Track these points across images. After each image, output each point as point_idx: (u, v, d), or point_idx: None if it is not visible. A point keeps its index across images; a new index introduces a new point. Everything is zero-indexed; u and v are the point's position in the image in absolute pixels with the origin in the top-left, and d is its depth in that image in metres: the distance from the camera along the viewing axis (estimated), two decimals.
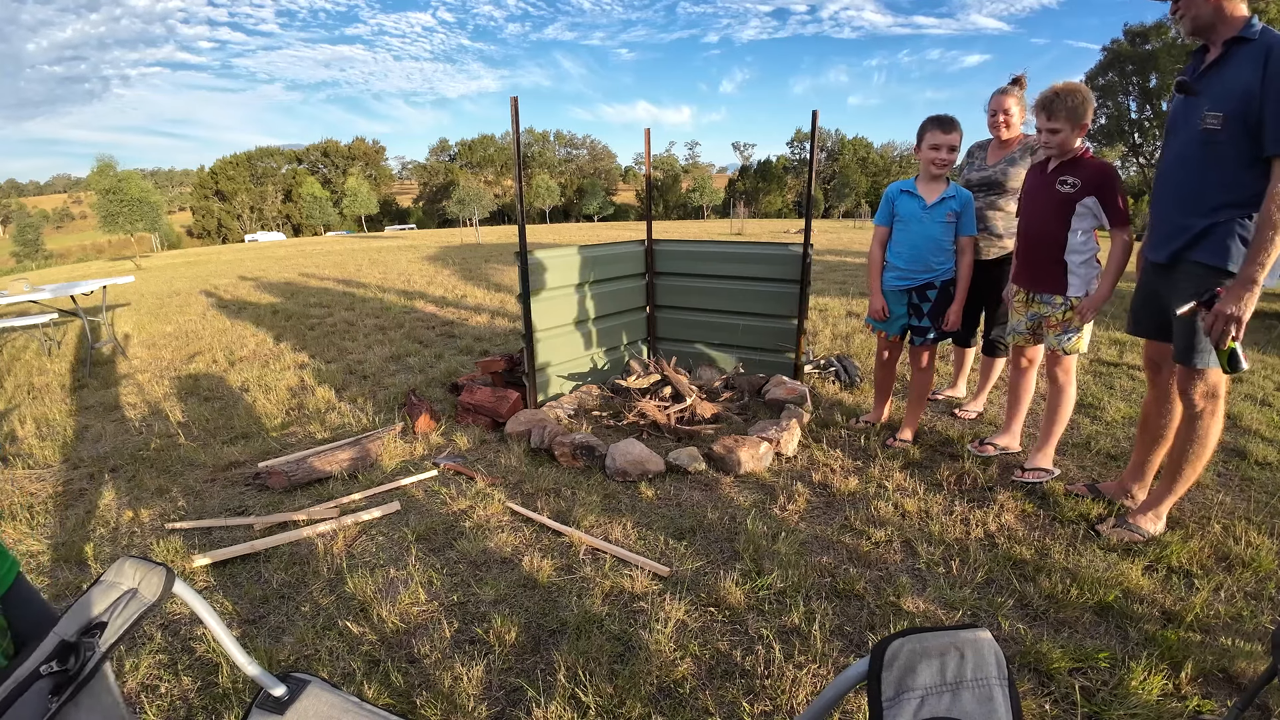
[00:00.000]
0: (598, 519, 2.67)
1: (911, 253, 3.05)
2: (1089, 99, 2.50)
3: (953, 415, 3.72)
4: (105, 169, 37.74)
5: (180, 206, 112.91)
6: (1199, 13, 2.03)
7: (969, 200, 2.99)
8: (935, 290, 3.05)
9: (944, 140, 2.88)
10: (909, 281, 3.09)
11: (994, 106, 3.28)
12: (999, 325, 3.47)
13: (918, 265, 3.05)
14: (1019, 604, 2.09)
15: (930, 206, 2.97)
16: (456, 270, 13.66)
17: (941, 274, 3.04)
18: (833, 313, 7.21)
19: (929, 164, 2.94)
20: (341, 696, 0.91)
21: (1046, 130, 2.56)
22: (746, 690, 1.76)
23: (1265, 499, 2.70)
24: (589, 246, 4.15)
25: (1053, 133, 2.54)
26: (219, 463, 3.35)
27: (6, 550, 1.09)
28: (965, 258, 3.01)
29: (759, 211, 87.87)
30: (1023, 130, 3.32)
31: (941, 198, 2.96)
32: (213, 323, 7.86)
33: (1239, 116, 1.94)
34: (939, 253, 3.01)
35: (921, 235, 3.01)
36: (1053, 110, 2.52)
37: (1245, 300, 1.95)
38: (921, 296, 3.09)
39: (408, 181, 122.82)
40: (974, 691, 0.63)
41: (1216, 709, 1.66)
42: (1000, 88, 3.29)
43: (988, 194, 3.29)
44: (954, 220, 2.97)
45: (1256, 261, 1.92)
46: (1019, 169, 3.21)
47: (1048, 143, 2.58)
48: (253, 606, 2.17)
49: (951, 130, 2.89)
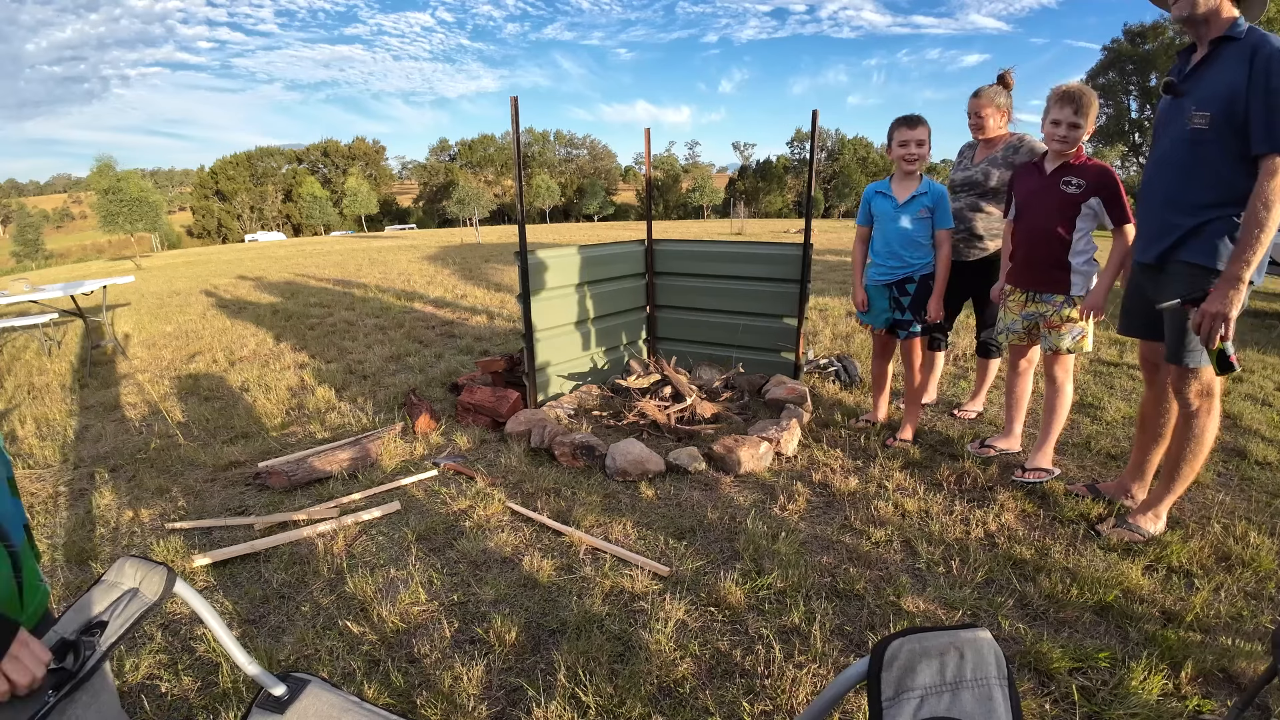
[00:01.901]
0: (598, 519, 2.67)
1: (888, 249, 3.15)
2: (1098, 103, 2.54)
3: (952, 415, 3.72)
4: (105, 169, 37.72)
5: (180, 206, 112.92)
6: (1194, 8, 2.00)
7: (942, 194, 3.03)
8: (914, 284, 3.13)
9: (910, 136, 2.97)
10: (889, 276, 3.17)
11: (969, 108, 3.27)
12: (988, 327, 3.47)
13: (895, 260, 3.14)
14: (1019, 604, 2.09)
15: (903, 204, 3.06)
16: (456, 270, 13.66)
17: (919, 268, 3.11)
18: (833, 313, 7.21)
19: (900, 160, 3.03)
20: (341, 696, 0.91)
21: (1068, 124, 2.52)
22: (746, 690, 1.76)
23: (1265, 499, 2.71)
24: (589, 246, 4.15)
25: (1074, 127, 2.52)
26: (219, 463, 3.35)
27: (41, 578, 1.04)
28: (942, 250, 3.07)
29: (759, 211, 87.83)
30: (1010, 130, 3.29)
31: (913, 195, 3.03)
32: (213, 323, 7.86)
33: (1225, 116, 1.95)
34: (914, 248, 3.09)
35: (896, 232, 3.11)
36: (1081, 105, 2.50)
37: (1232, 298, 1.96)
38: (901, 290, 3.16)
39: (408, 181, 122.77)
40: (974, 691, 0.63)
41: (1216, 709, 1.66)
42: (976, 89, 3.25)
43: (969, 194, 3.29)
44: (928, 215, 3.04)
45: (1243, 259, 1.93)
46: (1001, 169, 3.19)
47: (1065, 138, 2.55)
48: (253, 606, 2.17)
49: (917, 126, 2.97)
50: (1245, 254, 1.92)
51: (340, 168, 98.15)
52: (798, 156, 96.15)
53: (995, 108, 3.20)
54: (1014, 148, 3.19)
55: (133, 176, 39.45)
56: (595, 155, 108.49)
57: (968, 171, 3.33)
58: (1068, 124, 2.52)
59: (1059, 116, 2.54)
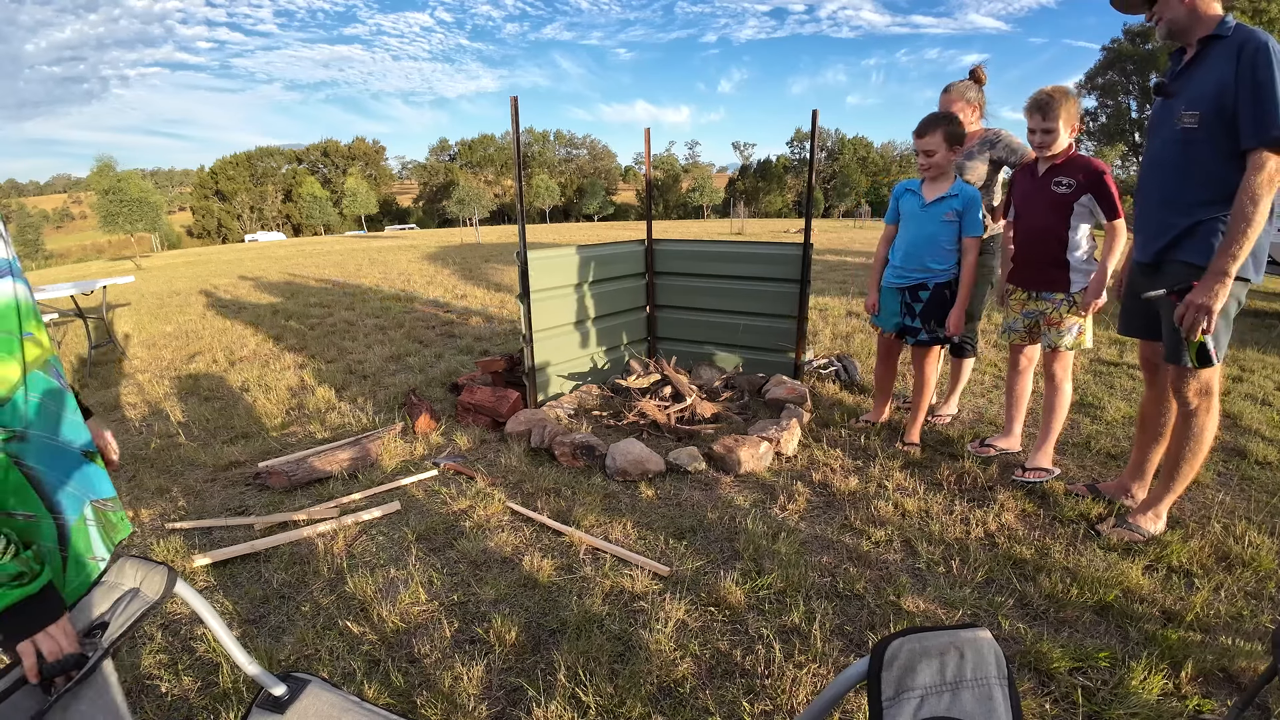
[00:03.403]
0: (598, 519, 2.67)
1: (907, 250, 3.06)
2: (1077, 101, 2.60)
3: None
4: (105, 169, 37.74)
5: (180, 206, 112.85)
6: (1175, 15, 2.05)
7: (973, 199, 2.92)
8: (927, 292, 3.04)
9: (919, 145, 2.93)
10: (903, 280, 3.10)
11: (939, 106, 3.24)
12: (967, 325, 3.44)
13: (913, 264, 3.05)
14: (1019, 604, 2.09)
15: (928, 205, 2.97)
16: (456, 270, 13.66)
17: (937, 275, 3.02)
18: (833, 313, 7.21)
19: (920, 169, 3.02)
20: (341, 696, 0.92)
21: (1041, 130, 2.60)
22: (746, 690, 1.76)
23: (1265, 499, 2.71)
24: (589, 246, 4.15)
25: (1047, 133, 2.59)
26: (219, 463, 3.35)
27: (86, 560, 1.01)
28: (967, 258, 2.96)
29: (759, 211, 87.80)
30: (983, 125, 3.28)
31: (941, 196, 2.94)
32: (213, 323, 7.86)
33: (1215, 113, 1.96)
34: (936, 252, 2.99)
35: (918, 233, 3.02)
36: (1048, 111, 2.57)
37: (1216, 291, 1.97)
38: (914, 297, 3.08)
39: (408, 181, 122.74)
40: (974, 691, 0.63)
41: (1216, 709, 1.66)
42: (946, 86, 3.24)
43: None
44: (954, 219, 2.93)
45: (1229, 253, 1.94)
46: (975, 163, 3.19)
47: (1041, 144, 2.63)
48: (253, 606, 2.17)
49: (924, 134, 2.89)
50: (1231, 248, 1.93)
51: (340, 168, 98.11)
52: (798, 156, 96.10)
53: (965, 102, 3.19)
54: (989, 142, 3.18)
55: (133, 177, 39.49)
56: (595, 155, 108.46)
57: None
58: (1041, 130, 2.61)
59: (1032, 125, 2.64)
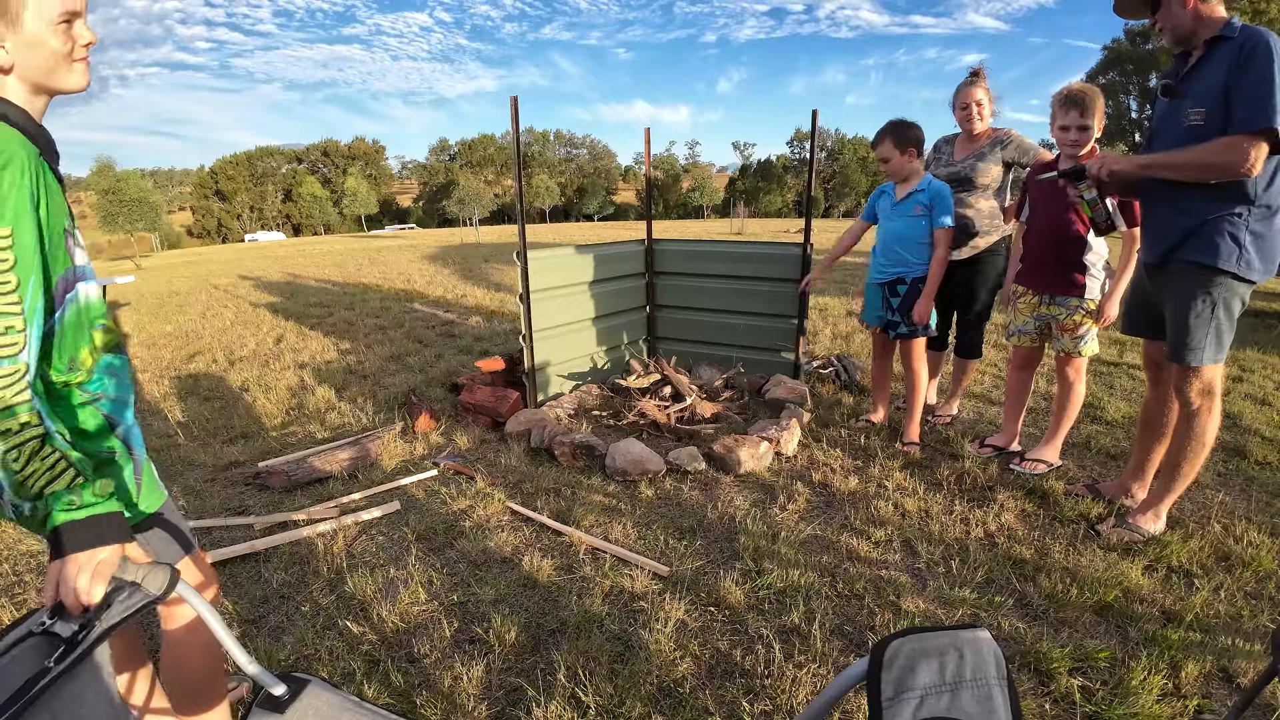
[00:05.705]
0: (598, 519, 2.67)
1: (884, 247, 3.18)
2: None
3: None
4: (104, 169, 37.68)
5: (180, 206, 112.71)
6: (1178, 21, 2.05)
7: (939, 192, 2.96)
8: (905, 286, 3.12)
9: (876, 156, 3.08)
10: (882, 275, 3.20)
11: (964, 100, 3.17)
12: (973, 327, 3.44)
13: (889, 259, 3.16)
14: (1019, 604, 2.09)
15: (898, 202, 3.08)
16: (456, 270, 13.66)
17: (914, 270, 3.09)
18: (833, 313, 7.21)
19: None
20: (341, 696, 0.91)
21: (1077, 128, 2.52)
22: (746, 690, 1.76)
23: (1265, 499, 2.71)
24: (589, 246, 4.15)
25: (1083, 130, 2.52)
26: (219, 462, 3.35)
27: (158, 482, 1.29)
28: (937, 251, 3.01)
29: (759, 211, 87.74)
30: (991, 125, 3.25)
31: (909, 192, 3.02)
32: (213, 323, 7.86)
33: (1221, 112, 1.96)
34: (910, 247, 3.07)
35: (890, 230, 3.14)
36: (1086, 108, 2.49)
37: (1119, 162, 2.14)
38: (892, 291, 3.17)
39: (408, 181, 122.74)
40: (973, 691, 0.63)
41: (1216, 709, 1.66)
42: (963, 81, 3.21)
43: (956, 191, 3.18)
44: (924, 213, 3.00)
45: (1155, 161, 2.08)
46: (989, 164, 3.16)
47: (1076, 140, 2.55)
48: (253, 606, 2.17)
49: (874, 146, 3.09)
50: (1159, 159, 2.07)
51: (340, 167, 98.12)
52: (797, 156, 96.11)
53: (985, 90, 3.15)
54: (1000, 142, 3.15)
55: (132, 176, 39.42)
56: (595, 155, 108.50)
57: (952, 167, 3.27)
58: (1076, 128, 2.52)
59: (1066, 122, 2.54)
